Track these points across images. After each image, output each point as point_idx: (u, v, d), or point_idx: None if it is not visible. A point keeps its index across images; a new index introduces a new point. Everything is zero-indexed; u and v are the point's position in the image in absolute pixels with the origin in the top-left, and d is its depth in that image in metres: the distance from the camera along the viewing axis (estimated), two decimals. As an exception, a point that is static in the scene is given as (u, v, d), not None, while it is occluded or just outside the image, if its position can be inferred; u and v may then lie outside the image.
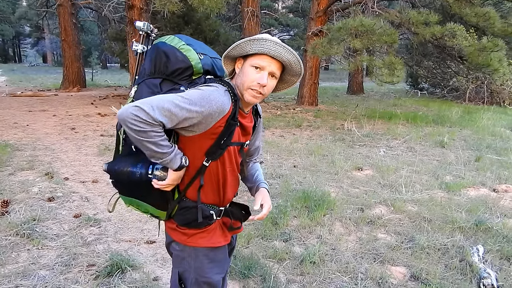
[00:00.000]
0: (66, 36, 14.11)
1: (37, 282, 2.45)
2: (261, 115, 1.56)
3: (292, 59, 1.31)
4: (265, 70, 1.30)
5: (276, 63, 1.31)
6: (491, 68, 7.95)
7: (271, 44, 1.27)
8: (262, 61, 1.29)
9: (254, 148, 1.63)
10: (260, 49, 1.28)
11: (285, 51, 1.29)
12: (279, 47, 1.28)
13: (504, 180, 4.89)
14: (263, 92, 1.32)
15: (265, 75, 1.29)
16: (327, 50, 8.25)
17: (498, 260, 2.90)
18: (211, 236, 1.43)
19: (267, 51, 1.28)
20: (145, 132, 1.19)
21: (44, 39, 36.37)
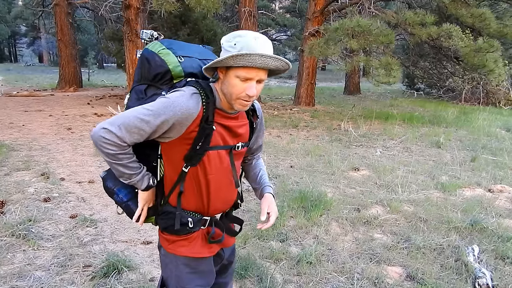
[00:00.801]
0: (62, 36, 14.06)
1: (32, 283, 2.44)
2: (259, 114, 1.49)
3: (279, 64, 1.23)
4: (253, 80, 1.23)
5: (263, 70, 1.24)
6: (487, 69, 7.99)
7: (256, 58, 1.17)
8: (249, 74, 1.21)
9: (256, 147, 1.60)
10: (246, 64, 1.18)
11: (272, 60, 1.20)
12: (265, 59, 1.18)
13: (500, 180, 4.92)
14: (252, 99, 1.27)
15: (253, 86, 1.23)
16: (324, 50, 8.27)
17: (493, 259, 2.92)
18: (192, 246, 1.39)
19: (253, 64, 1.19)
20: (115, 155, 1.22)
21: (40, 39, 36.17)
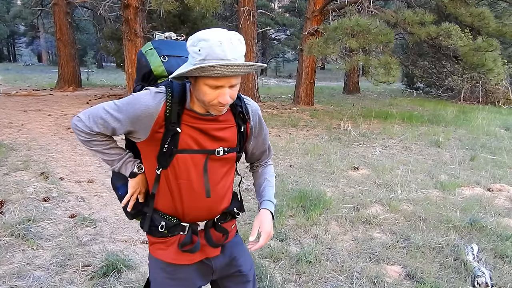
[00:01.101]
0: (61, 35, 14.05)
1: (32, 283, 2.44)
2: (253, 117, 1.35)
3: (250, 70, 1.16)
4: (224, 87, 1.14)
5: (234, 76, 1.15)
6: (486, 68, 8.00)
7: (223, 69, 1.08)
8: (218, 82, 1.12)
9: (259, 152, 1.46)
10: (212, 75, 1.11)
11: (240, 68, 1.10)
12: (232, 68, 1.09)
13: (499, 179, 4.92)
14: (227, 105, 1.19)
15: (225, 93, 1.15)
16: (323, 49, 8.27)
17: (492, 258, 2.93)
18: (169, 251, 1.34)
19: (220, 75, 1.11)
20: (88, 141, 1.28)
21: (39, 38, 36.14)
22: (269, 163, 1.53)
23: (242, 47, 1.13)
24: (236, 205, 1.43)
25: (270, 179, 1.49)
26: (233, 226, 1.47)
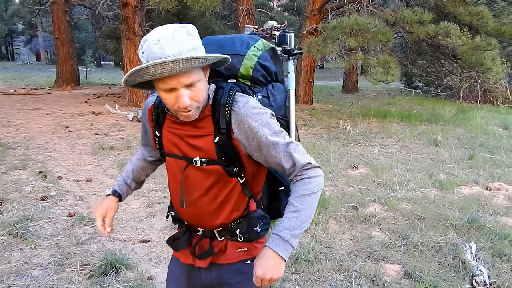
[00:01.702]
0: (59, 34, 14.00)
1: (30, 282, 2.43)
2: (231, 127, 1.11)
3: (197, 64, 1.01)
4: (178, 88, 1.03)
5: (184, 74, 1.01)
6: (485, 67, 8.01)
7: (157, 68, 0.97)
8: (167, 84, 1.02)
9: (277, 165, 1.14)
10: (154, 77, 1.01)
11: (177, 65, 0.97)
12: (166, 66, 0.96)
13: (497, 178, 4.93)
14: (190, 108, 1.06)
15: (182, 95, 1.03)
16: (322, 48, 8.26)
17: (491, 257, 2.93)
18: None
19: (159, 75, 0.99)
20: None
21: (37, 37, 36.02)
22: (300, 176, 1.11)
23: (190, 40, 1.01)
24: (243, 227, 1.24)
25: (294, 201, 1.10)
26: (239, 250, 1.27)
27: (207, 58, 1.01)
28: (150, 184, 4.28)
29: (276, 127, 1.12)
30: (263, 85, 1.24)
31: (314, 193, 1.09)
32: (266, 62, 1.22)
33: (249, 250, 1.27)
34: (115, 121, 8.00)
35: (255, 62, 1.18)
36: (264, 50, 1.23)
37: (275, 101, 1.25)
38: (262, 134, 1.09)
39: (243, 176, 1.18)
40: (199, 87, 1.06)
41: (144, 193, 4.07)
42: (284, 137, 1.12)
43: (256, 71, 1.19)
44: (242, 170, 1.17)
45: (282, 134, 1.12)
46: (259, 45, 1.22)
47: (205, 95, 1.09)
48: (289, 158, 1.10)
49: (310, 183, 1.09)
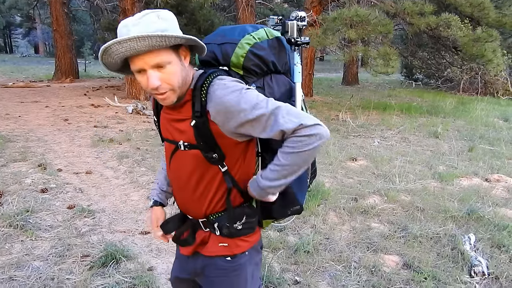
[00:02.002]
0: (57, 26, 13.90)
1: (31, 273, 2.44)
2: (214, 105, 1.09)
3: (157, 43, 1.00)
4: (146, 69, 1.04)
5: (147, 55, 1.02)
6: (485, 59, 7.96)
7: (117, 46, 0.99)
8: (135, 65, 1.05)
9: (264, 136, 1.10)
10: (117, 57, 1.03)
11: (135, 43, 0.98)
12: (125, 43, 0.98)
13: (496, 170, 4.93)
14: (163, 91, 1.07)
15: (151, 76, 1.04)
16: (322, 40, 8.20)
17: (489, 248, 2.95)
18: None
19: (122, 55, 1.02)
20: None
21: (35, 29, 35.75)
22: (292, 136, 1.05)
23: (158, 23, 1.02)
24: (221, 221, 1.22)
25: (280, 155, 1.08)
26: (220, 244, 1.24)
27: (164, 37, 1.00)
28: (150, 176, 4.28)
29: (253, 99, 1.06)
30: (259, 76, 1.20)
31: (303, 152, 1.04)
32: (261, 51, 1.17)
33: (229, 247, 1.23)
34: (114, 113, 7.98)
35: (247, 51, 1.16)
36: (264, 39, 1.19)
37: (272, 93, 1.19)
38: (240, 111, 1.05)
39: (225, 165, 1.16)
40: (170, 70, 1.06)
41: (144, 185, 4.07)
42: (265, 106, 1.05)
43: (247, 60, 1.16)
44: (222, 158, 1.15)
45: (262, 104, 1.05)
46: (258, 34, 1.19)
47: (180, 79, 1.09)
48: (277, 127, 1.04)
49: (300, 141, 1.03)
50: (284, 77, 1.26)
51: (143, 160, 4.88)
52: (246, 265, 1.25)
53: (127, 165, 4.68)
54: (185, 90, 1.12)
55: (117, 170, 4.53)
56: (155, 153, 5.18)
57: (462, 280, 2.54)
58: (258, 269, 1.33)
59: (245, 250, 1.24)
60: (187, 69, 1.12)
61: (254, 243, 1.27)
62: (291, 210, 1.26)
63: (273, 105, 1.06)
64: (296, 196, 1.25)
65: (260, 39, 1.18)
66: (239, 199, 1.22)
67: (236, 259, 1.23)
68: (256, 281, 1.31)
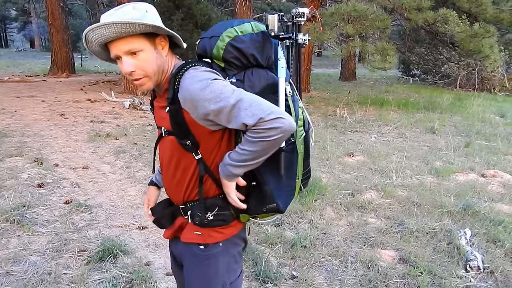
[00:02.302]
0: (53, 20, 13.77)
1: (28, 268, 2.44)
2: (181, 94, 1.13)
3: (125, 30, 1.08)
4: (121, 56, 1.13)
5: (120, 41, 1.12)
6: (482, 55, 7.96)
7: (90, 34, 1.11)
8: (111, 52, 1.15)
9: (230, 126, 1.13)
10: (96, 42, 1.13)
11: (104, 30, 1.08)
12: (97, 30, 1.08)
13: (493, 165, 4.96)
14: (137, 76, 1.15)
15: (124, 62, 1.13)
16: (319, 35, 8.17)
17: (485, 243, 2.97)
18: None
19: (97, 42, 1.12)
20: None
21: (31, 23, 35.46)
22: (254, 128, 1.07)
23: (132, 13, 1.10)
24: (194, 210, 1.26)
25: (244, 140, 1.12)
26: (195, 232, 1.27)
27: (128, 23, 1.07)
28: (147, 171, 4.27)
29: (218, 90, 1.07)
30: (240, 69, 1.22)
31: (262, 142, 1.07)
32: (241, 44, 1.18)
33: (203, 236, 1.26)
34: (111, 108, 7.94)
35: (226, 43, 1.18)
36: (247, 33, 1.20)
37: (252, 87, 1.20)
38: (204, 100, 1.08)
39: (199, 153, 1.20)
40: (143, 57, 1.13)
41: (141, 180, 4.07)
42: (229, 98, 1.07)
43: (226, 52, 1.19)
44: (196, 146, 1.19)
45: (226, 95, 1.07)
46: (241, 28, 1.20)
47: (155, 66, 1.15)
48: (239, 120, 1.07)
49: (259, 133, 1.06)
50: (266, 72, 1.24)
51: (140, 155, 4.87)
52: (219, 256, 1.27)
53: (124, 160, 4.67)
54: (164, 78, 1.19)
55: (114, 165, 4.52)
56: (151, 148, 5.14)
57: (457, 274, 2.57)
58: (236, 261, 1.32)
59: (218, 241, 1.27)
60: (164, 58, 1.18)
61: (229, 236, 1.28)
62: (267, 207, 1.24)
63: (237, 97, 1.07)
64: (273, 194, 1.23)
65: (242, 33, 1.19)
66: (215, 190, 1.25)
67: (208, 248, 1.26)
68: (233, 273, 1.31)
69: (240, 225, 1.33)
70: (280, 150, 1.21)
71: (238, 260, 1.34)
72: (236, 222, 1.30)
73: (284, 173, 1.24)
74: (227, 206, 1.25)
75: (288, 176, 1.27)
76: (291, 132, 1.08)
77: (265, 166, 1.19)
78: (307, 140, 1.33)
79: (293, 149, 1.26)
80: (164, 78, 1.19)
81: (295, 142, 1.26)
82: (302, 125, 1.29)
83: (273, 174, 1.24)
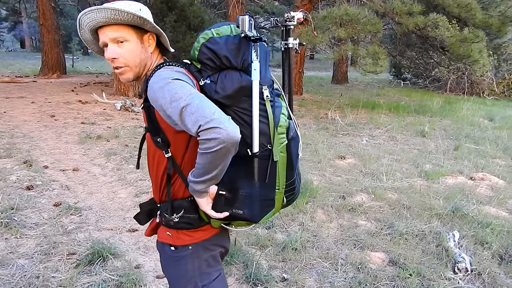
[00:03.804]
0: (44, 21, 13.63)
1: (15, 271, 2.41)
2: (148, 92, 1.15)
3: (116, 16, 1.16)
4: (107, 43, 1.21)
5: (109, 28, 1.19)
6: (472, 59, 8.08)
7: (84, 19, 1.19)
8: (100, 38, 1.22)
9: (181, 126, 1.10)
10: (86, 28, 1.21)
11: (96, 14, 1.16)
12: (89, 13, 1.16)
13: (481, 168, 5.03)
14: (119, 65, 1.21)
15: (108, 48, 1.21)
16: (312, 38, 8.22)
17: (473, 245, 3.01)
18: None
19: (87, 26, 1.20)
20: None
21: (21, 24, 35.03)
22: (198, 138, 1.04)
23: (127, 7, 1.17)
24: (162, 210, 1.27)
25: (198, 155, 1.08)
26: (167, 232, 1.29)
27: (117, 10, 1.14)
28: (138, 174, 4.25)
29: (173, 91, 1.07)
30: (214, 70, 1.21)
31: (206, 154, 1.04)
32: (214, 46, 1.19)
33: (173, 237, 1.27)
34: (102, 110, 7.89)
35: (200, 44, 1.22)
36: (223, 35, 1.21)
37: (223, 89, 1.18)
38: (160, 100, 1.09)
39: (169, 152, 1.21)
40: (128, 47, 1.20)
41: (132, 182, 4.04)
42: (182, 100, 1.05)
43: (201, 53, 1.21)
44: (167, 144, 1.20)
45: (180, 97, 1.06)
46: (218, 30, 1.22)
47: (137, 59, 1.22)
48: (186, 125, 1.05)
49: (202, 143, 1.03)
50: (239, 74, 1.20)
51: (131, 157, 4.84)
52: (188, 259, 1.27)
53: (115, 162, 4.64)
54: (143, 72, 1.25)
55: (104, 167, 4.49)
56: (143, 151, 5.13)
57: (446, 276, 2.60)
58: (209, 265, 1.30)
59: (186, 244, 1.27)
60: (149, 54, 1.25)
61: (199, 240, 1.27)
62: (232, 211, 1.20)
63: (189, 100, 1.05)
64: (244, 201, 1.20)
65: (218, 34, 1.21)
66: (184, 192, 1.24)
67: (178, 250, 1.28)
68: (206, 276, 1.30)
69: (214, 230, 1.30)
70: (254, 156, 1.17)
71: (212, 264, 1.31)
72: (208, 227, 1.28)
73: (257, 181, 1.19)
74: (194, 209, 1.23)
75: (263, 185, 1.20)
76: (233, 143, 1.02)
77: (238, 171, 1.17)
78: (290, 148, 1.25)
79: (269, 156, 1.19)
80: (144, 72, 1.25)
81: (272, 149, 1.19)
82: (284, 132, 1.23)
83: (247, 180, 1.19)
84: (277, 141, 1.21)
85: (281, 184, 1.24)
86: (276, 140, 1.20)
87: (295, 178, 1.31)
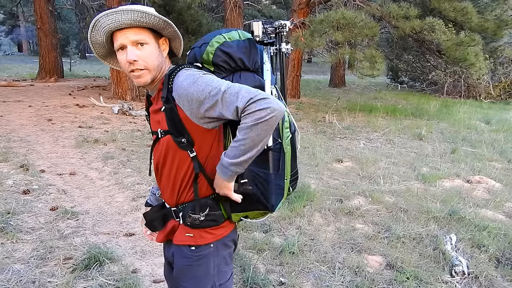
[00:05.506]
0: (42, 24, 13.64)
1: (11, 276, 2.40)
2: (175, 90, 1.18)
3: (138, 18, 1.15)
4: (126, 45, 1.18)
5: (129, 30, 1.17)
6: (468, 63, 8.12)
7: (104, 19, 1.15)
8: (118, 40, 1.18)
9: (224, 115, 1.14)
10: (103, 31, 1.18)
11: (119, 16, 1.13)
12: (111, 15, 1.14)
13: (478, 171, 5.05)
14: (138, 67, 1.19)
15: (129, 51, 1.17)
16: (309, 42, 8.25)
17: (470, 248, 3.01)
18: None
19: (108, 28, 1.16)
20: None
21: (19, 27, 34.99)
22: (245, 113, 1.09)
23: (143, 8, 1.16)
24: (186, 211, 1.27)
25: (238, 132, 1.11)
26: (186, 234, 1.28)
27: (145, 13, 1.14)
28: (136, 178, 4.24)
29: (209, 81, 1.14)
30: (228, 72, 1.29)
31: (255, 125, 1.07)
32: (229, 49, 1.26)
33: (194, 237, 1.28)
34: (99, 114, 7.88)
35: (215, 48, 1.26)
36: (234, 39, 1.28)
37: None
38: (198, 91, 1.13)
39: (194, 151, 1.22)
40: (148, 50, 1.20)
41: (129, 186, 4.03)
42: (220, 86, 1.11)
43: (216, 57, 1.26)
44: (191, 144, 1.21)
45: (218, 84, 1.13)
46: (229, 35, 1.29)
47: (156, 62, 1.22)
48: (232, 104, 1.09)
49: (251, 115, 1.07)
50: (253, 75, 1.32)
51: (128, 161, 4.84)
52: (210, 257, 1.29)
53: (112, 166, 4.63)
54: (159, 76, 1.24)
55: (101, 171, 4.48)
56: (140, 154, 5.14)
57: (443, 279, 2.60)
58: (226, 263, 1.34)
59: (209, 242, 1.28)
60: (163, 58, 1.26)
61: (220, 237, 1.30)
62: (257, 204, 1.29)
63: (227, 84, 1.13)
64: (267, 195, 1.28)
65: (230, 39, 1.28)
66: (207, 191, 1.27)
67: (199, 249, 1.28)
68: (223, 275, 1.32)
69: (231, 226, 1.35)
70: (268, 149, 1.24)
71: (228, 262, 1.35)
72: (227, 223, 1.32)
73: (272, 172, 1.27)
74: (217, 206, 1.28)
75: (277, 175, 1.29)
76: (282, 112, 1.09)
77: (255, 165, 1.22)
78: (293, 141, 1.35)
79: (280, 149, 1.28)
80: (159, 76, 1.24)
81: (281, 142, 1.28)
82: (288, 127, 1.32)
83: (264, 171, 1.28)
84: (285, 135, 1.29)
85: (288, 174, 1.33)
86: (284, 134, 1.28)
87: (297, 169, 1.42)
